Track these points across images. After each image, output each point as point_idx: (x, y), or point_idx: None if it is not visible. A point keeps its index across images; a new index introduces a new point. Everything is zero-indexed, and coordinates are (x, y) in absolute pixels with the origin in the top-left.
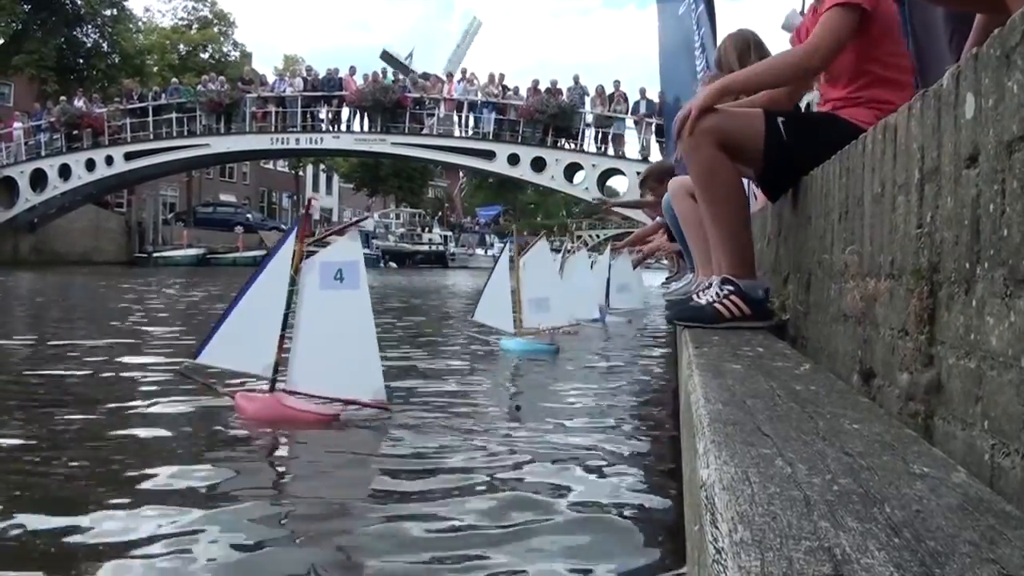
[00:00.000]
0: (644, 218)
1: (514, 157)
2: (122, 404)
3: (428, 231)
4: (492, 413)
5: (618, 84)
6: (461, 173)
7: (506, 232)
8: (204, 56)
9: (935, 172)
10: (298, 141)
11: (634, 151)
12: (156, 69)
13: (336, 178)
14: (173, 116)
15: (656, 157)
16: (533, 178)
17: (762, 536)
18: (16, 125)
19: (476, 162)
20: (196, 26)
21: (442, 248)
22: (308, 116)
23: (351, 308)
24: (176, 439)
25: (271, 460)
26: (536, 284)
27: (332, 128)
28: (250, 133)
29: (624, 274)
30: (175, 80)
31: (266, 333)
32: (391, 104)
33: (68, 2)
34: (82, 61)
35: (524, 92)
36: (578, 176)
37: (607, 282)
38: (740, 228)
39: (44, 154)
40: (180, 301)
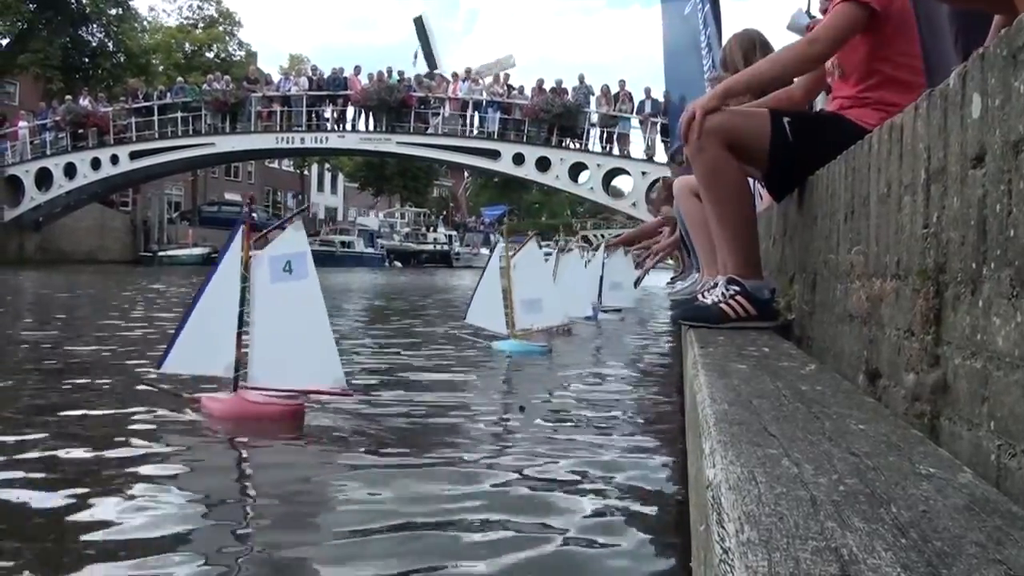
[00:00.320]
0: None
1: (519, 157)
2: (92, 410)
3: (433, 231)
4: (492, 415)
5: (623, 84)
6: (466, 173)
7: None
8: (209, 55)
9: (941, 172)
10: (303, 140)
11: (639, 151)
12: (161, 68)
13: (341, 177)
14: (178, 115)
15: (661, 157)
16: (538, 178)
17: (769, 536)
18: (21, 124)
19: (481, 161)
20: (201, 25)
21: (447, 248)
22: (313, 115)
23: (303, 299)
24: (143, 445)
25: (254, 462)
26: (528, 285)
27: (337, 127)
28: (255, 132)
29: (617, 272)
30: (180, 79)
31: (224, 333)
32: (396, 103)
33: (73, 1)
34: (87, 60)
35: (529, 92)
36: (583, 176)
37: (600, 280)
38: (746, 228)
39: (49, 153)
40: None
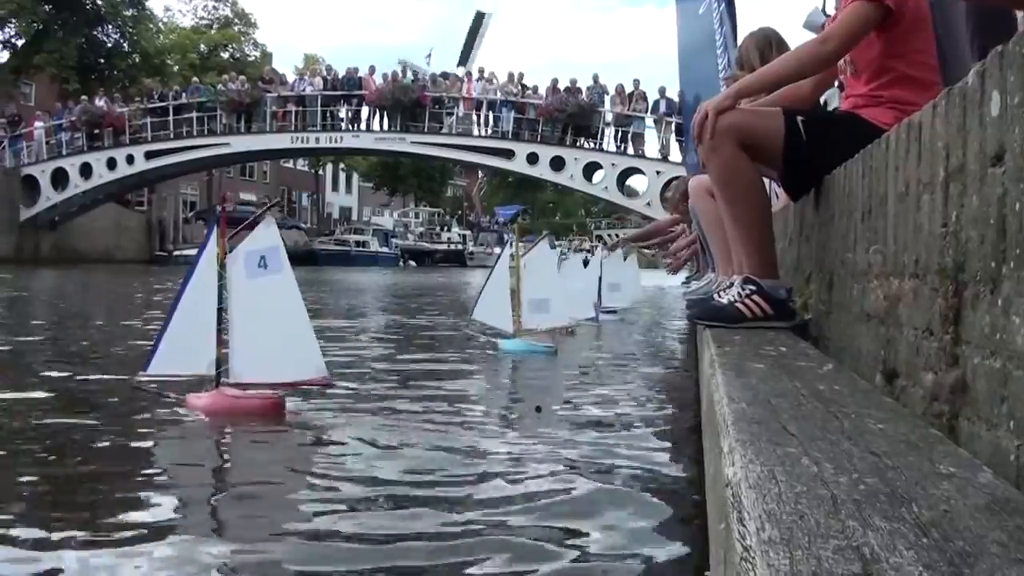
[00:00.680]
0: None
1: (533, 156)
2: (80, 412)
3: (447, 230)
4: (507, 416)
5: (637, 83)
6: (480, 172)
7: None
8: (224, 56)
9: (960, 171)
10: (318, 140)
11: (653, 150)
12: (177, 69)
13: (356, 177)
14: (194, 115)
15: (676, 157)
16: (552, 177)
17: (790, 535)
18: (37, 124)
19: (495, 161)
20: (216, 26)
21: (461, 247)
22: (328, 115)
23: (279, 292)
24: (132, 446)
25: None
26: (537, 285)
27: (352, 127)
28: (270, 132)
29: (615, 273)
30: (195, 80)
31: (205, 331)
32: (410, 103)
33: (89, 2)
34: (103, 61)
35: (543, 91)
36: (597, 175)
37: (599, 281)
38: (762, 228)
39: (65, 153)
40: None
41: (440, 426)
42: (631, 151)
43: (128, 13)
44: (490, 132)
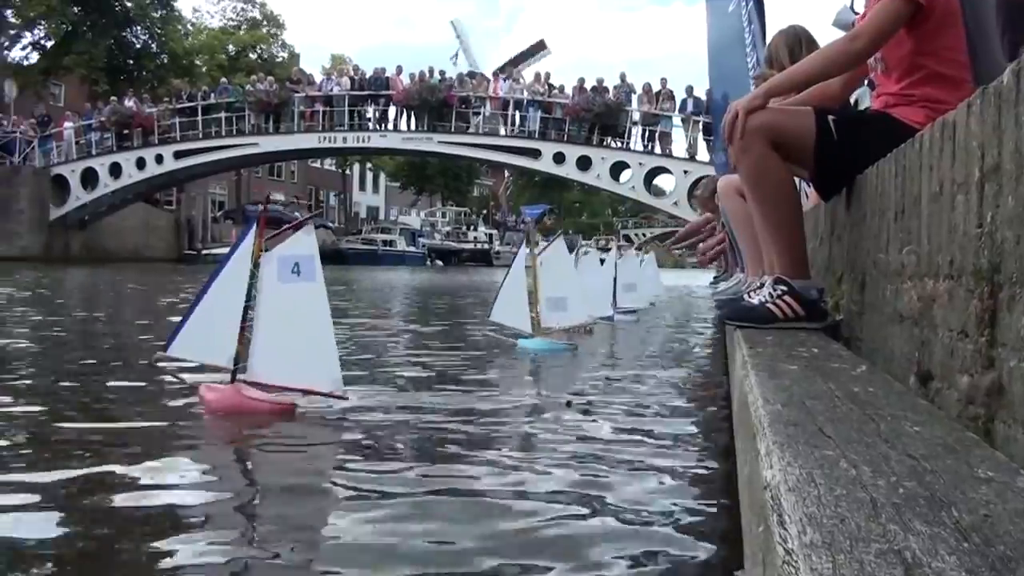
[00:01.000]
0: (696, 219)
1: (560, 156)
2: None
3: (473, 229)
4: (533, 411)
5: (665, 82)
6: (507, 172)
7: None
8: (253, 56)
9: (996, 171)
10: (345, 140)
11: (681, 149)
12: (205, 69)
13: (383, 176)
14: (222, 116)
15: (703, 156)
16: (579, 177)
17: (832, 538)
18: (67, 125)
19: (521, 161)
20: (245, 27)
21: (487, 246)
22: (355, 115)
23: (308, 300)
24: (137, 431)
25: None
26: (554, 283)
27: (379, 127)
28: (298, 132)
29: (631, 273)
30: (224, 80)
31: (229, 325)
32: (437, 103)
33: (118, 4)
34: (132, 62)
35: (570, 90)
36: (624, 175)
37: (614, 281)
38: (793, 228)
39: (95, 153)
40: None
41: (464, 420)
42: (658, 150)
43: (157, 14)
44: (517, 132)
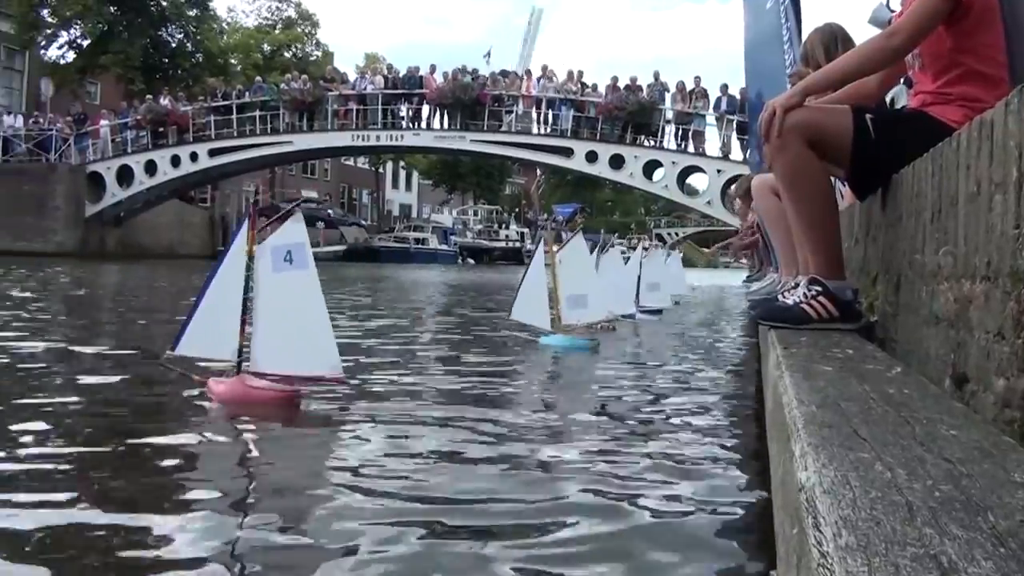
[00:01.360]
0: (729, 218)
1: (592, 154)
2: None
3: (505, 228)
4: (555, 409)
5: (699, 80)
6: (539, 170)
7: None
8: (287, 55)
9: None
10: (379, 138)
11: (715, 148)
12: (240, 68)
13: (415, 175)
14: (257, 114)
15: (737, 155)
16: (611, 175)
17: (867, 541)
18: (103, 123)
19: (554, 159)
20: (280, 26)
21: (518, 245)
22: (389, 114)
23: (301, 287)
24: (151, 426)
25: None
26: (574, 281)
27: (412, 125)
28: (332, 131)
29: (655, 273)
30: (259, 79)
31: (230, 320)
32: (470, 101)
33: (153, 3)
34: (167, 61)
35: (603, 89)
36: (657, 173)
37: (638, 280)
38: (829, 227)
39: (130, 151)
40: None
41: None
42: (692, 149)
43: (192, 14)
44: (549, 130)
